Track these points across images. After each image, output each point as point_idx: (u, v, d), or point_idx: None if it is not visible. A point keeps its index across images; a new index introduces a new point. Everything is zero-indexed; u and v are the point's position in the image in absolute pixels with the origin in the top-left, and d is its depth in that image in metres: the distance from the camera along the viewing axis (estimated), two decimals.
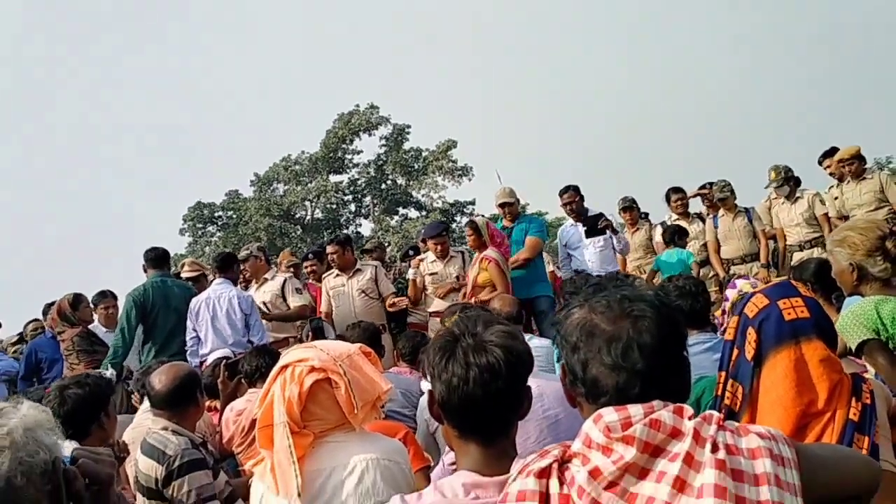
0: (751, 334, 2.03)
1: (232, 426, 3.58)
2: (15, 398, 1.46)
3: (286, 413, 1.96)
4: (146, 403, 3.18)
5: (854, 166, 6.81)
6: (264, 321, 6.17)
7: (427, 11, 64.69)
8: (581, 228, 6.93)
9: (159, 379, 2.95)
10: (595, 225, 6.75)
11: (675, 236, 7.22)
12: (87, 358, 5.74)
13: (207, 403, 3.69)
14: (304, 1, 63.01)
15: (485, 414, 1.50)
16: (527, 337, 4.06)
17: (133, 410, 4.03)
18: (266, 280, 6.67)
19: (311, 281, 7.18)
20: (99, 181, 56.75)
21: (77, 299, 5.99)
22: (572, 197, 6.99)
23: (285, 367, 2.04)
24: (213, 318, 5.77)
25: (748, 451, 1.14)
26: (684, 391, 1.28)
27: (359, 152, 34.87)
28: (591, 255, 6.97)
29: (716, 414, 1.17)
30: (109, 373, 5.27)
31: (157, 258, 6.16)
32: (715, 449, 1.12)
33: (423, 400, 3.48)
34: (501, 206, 6.82)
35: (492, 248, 6.16)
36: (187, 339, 5.82)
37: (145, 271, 6.25)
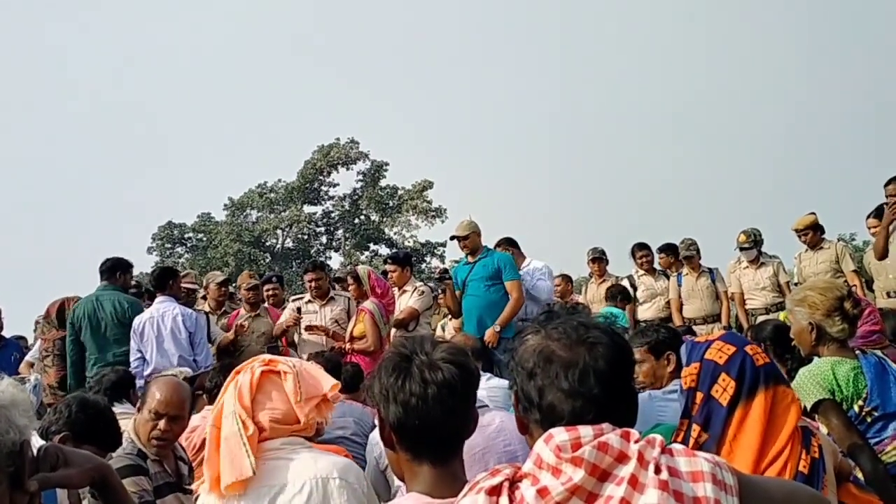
0: (724, 380, 2.06)
1: (183, 442, 3.49)
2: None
3: (237, 402, 2.03)
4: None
5: (808, 236, 6.86)
6: None
7: (426, 59, 65.57)
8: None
9: None
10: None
11: (617, 296, 7.20)
12: (61, 363, 5.71)
13: None
14: (296, 30, 63.61)
15: (441, 432, 1.50)
16: (486, 377, 4.04)
17: None
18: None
19: (271, 304, 7.01)
20: (70, 189, 55.91)
21: (68, 305, 5.88)
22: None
23: (238, 371, 2.14)
24: (158, 337, 5.55)
25: (689, 474, 1.16)
26: (631, 419, 1.31)
27: (335, 185, 35.06)
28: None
29: (659, 437, 1.20)
30: None
31: (106, 269, 5.99)
32: (658, 471, 1.15)
33: (374, 435, 3.37)
34: (456, 238, 6.21)
35: (372, 299, 6.22)
36: (131, 359, 5.56)
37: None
